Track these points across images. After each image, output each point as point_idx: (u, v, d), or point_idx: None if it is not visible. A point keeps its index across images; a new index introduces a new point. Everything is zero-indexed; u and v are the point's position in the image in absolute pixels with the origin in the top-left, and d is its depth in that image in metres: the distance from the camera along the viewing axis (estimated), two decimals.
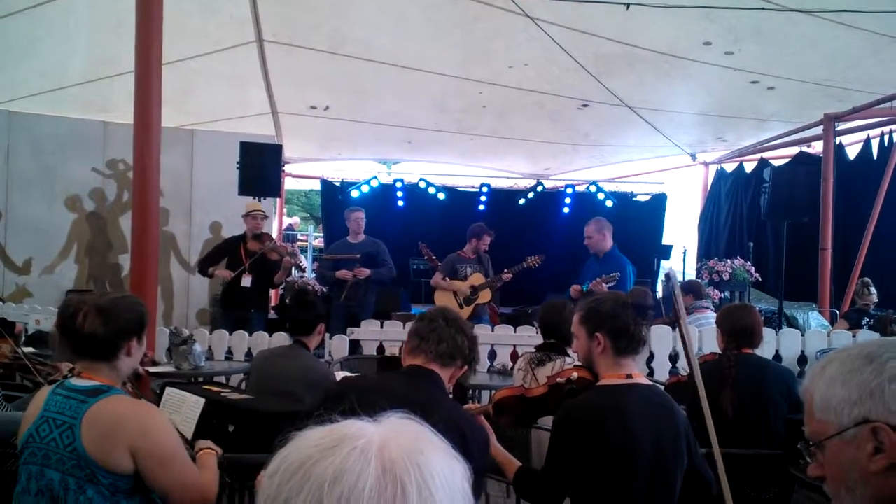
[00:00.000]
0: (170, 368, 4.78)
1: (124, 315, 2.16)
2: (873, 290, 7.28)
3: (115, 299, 2.21)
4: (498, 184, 12.04)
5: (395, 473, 0.76)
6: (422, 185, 11.36)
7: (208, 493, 2.13)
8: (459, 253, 6.68)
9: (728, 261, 8.21)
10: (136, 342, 2.20)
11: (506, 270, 6.45)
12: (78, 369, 2.16)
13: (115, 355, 2.15)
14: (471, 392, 4.85)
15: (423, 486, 0.76)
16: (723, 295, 8.10)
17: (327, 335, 5.91)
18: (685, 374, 3.67)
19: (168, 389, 3.06)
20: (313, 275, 9.64)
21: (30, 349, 5.09)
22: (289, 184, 12.72)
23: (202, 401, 2.88)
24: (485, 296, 6.50)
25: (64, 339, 2.14)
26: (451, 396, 2.42)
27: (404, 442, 0.80)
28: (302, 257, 10.09)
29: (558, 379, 2.53)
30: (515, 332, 5.96)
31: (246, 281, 6.40)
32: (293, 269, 7.76)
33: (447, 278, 6.60)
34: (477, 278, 6.52)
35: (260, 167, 7.27)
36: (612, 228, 6.18)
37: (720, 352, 3.58)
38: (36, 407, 2.13)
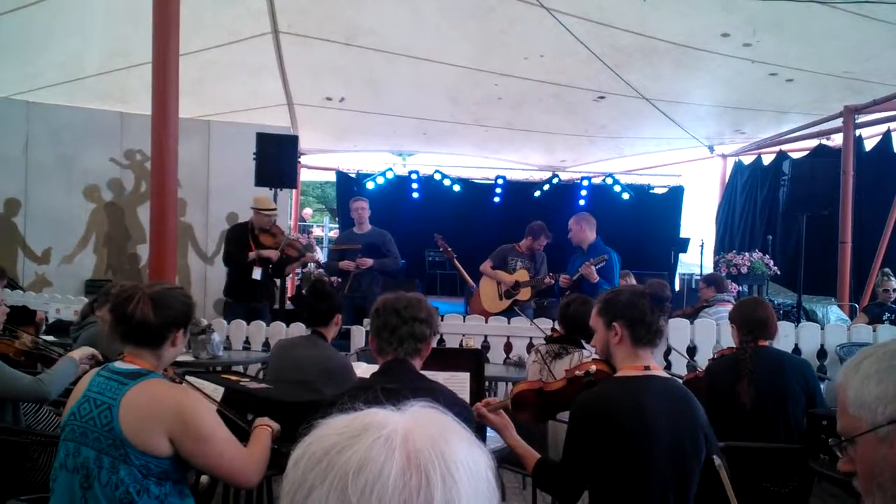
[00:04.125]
0: (188, 357, 4.82)
1: (174, 306, 2.23)
2: (893, 278, 7.21)
3: (167, 290, 2.28)
4: (513, 176, 12.01)
5: (420, 463, 0.76)
6: (437, 176, 11.36)
7: (253, 466, 2.20)
8: (515, 245, 6.64)
9: (746, 254, 8.16)
10: (182, 333, 2.28)
11: (550, 275, 6.40)
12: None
13: (161, 344, 2.23)
14: (487, 385, 4.85)
15: (447, 475, 0.76)
16: (741, 288, 8.05)
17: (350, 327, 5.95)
18: (702, 370, 3.66)
19: (186, 378, 3.08)
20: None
21: (50, 338, 5.15)
22: (304, 175, 12.75)
23: (221, 389, 2.91)
24: (525, 293, 6.45)
25: (115, 324, 2.21)
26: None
27: (428, 431, 0.80)
28: (318, 248, 10.13)
29: (577, 372, 2.52)
30: (532, 324, 5.95)
31: (257, 273, 6.37)
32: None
33: (494, 268, 6.59)
34: (522, 274, 6.48)
35: (276, 158, 7.27)
36: (595, 223, 6.36)
37: (736, 346, 3.57)
38: (80, 387, 2.20)
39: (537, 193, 11.46)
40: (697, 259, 10.26)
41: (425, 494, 0.74)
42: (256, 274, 6.38)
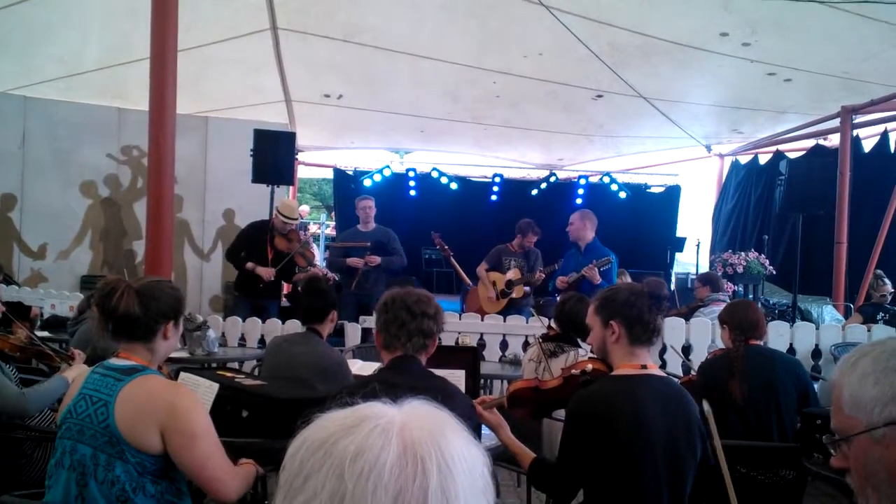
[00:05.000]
0: (183, 354, 4.82)
1: (161, 298, 2.21)
2: (887, 280, 7.24)
3: (152, 282, 2.26)
4: (511, 174, 12.00)
5: (416, 451, 0.77)
6: (434, 174, 11.35)
7: (236, 480, 2.16)
8: (508, 245, 6.64)
9: (742, 253, 8.17)
10: (173, 326, 2.26)
11: (541, 269, 6.41)
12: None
13: (152, 337, 2.21)
14: (482, 382, 4.85)
15: (443, 464, 0.77)
16: (736, 288, 8.06)
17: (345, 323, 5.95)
18: (695, 373, 3.72)
19: (182, 374, 3.08)
20: (324, 263, 9.67)
21: (45, 333, 5.15)
22: (301, 172, 12.74)
23: (216, 386, 2.90)
24: (519, 291, 6.45)
25: (101, 318, 2.19)
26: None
27: (426, 424, 0.81)
28: (314, 245, 10.10)
29: (573, 370, 2.52)
30: (528, 322, 5.95)
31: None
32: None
33: (490, 270, 6.59)
34: (514, 273, 6.49)
35: (273, 155, 7.27)
36: (596, 222, 6.35)
37: (725, 347, 3.66)
38: (76, 385, 2.19)
39: (534, 192, 11.46)
40: (693, 258, 10.27)
41: (420, 481, 0.75)
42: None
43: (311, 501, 0.76)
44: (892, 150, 8.99)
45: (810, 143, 9.80)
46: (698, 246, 10.30)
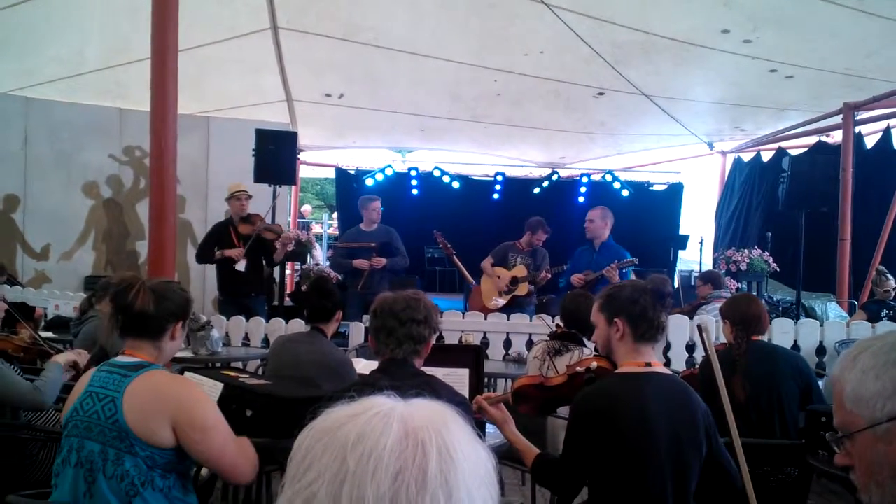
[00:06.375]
0: (187, 354, 4.82)
1: (173, 298, 2.27)
2: (890, 277, 7.22)
3: (165, 283, 2.34)
4: (513, 172, 11.98)
5: (417, 436, 0.79)
6: (436, 173, 11.34)
7: (251, 463, 2.23)
8: (516, 242, 6.64)
9: (746, 251, 8.15)
10: (181, 327, 2.31)
11: (547, 269, 6.40)
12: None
13: (161, 336, 2.25)
14: (486, 381, 4.85)
15: (443, 450, 0.79)
16: (740, 285, 8.04)
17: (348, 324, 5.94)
18: (697, 367, 3.69)
19: (186, 374, 3.09)
20: (328, 262, 9.67)
21: (48, 334, 5.16)
22: (303, 172, 12.73)
23: (220, 385, 2.90)
24: (523, 289, 6.45)
25: (115, 313, 2.24)
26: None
27: (429, 415, 0.83)
28: (317, 245, 10.10)
29: (578, 368, 2.52)
30: (532, 320, 5.95)
31: (241, 265, 6.32)
32: (308, 256, 7.72)
33: (495, 265, 6.60)
34: (520, 270, 6.49)
35: (275, 154, 7.27)
36: (614, 222, 6.28)
37: (727, 342, 3.62)
38: (81, 384, 2.22)
39: (537, 190, 11.44)
40: (697, 256, 10.24)
41: (420, 462, 0.77)
42: (240, 266, 6.33)
43: (315, 483, 0.78)
44: (895, 147, 8.96)
45: (813, 139, 9.77)
46: (701, 243, 10.28)
